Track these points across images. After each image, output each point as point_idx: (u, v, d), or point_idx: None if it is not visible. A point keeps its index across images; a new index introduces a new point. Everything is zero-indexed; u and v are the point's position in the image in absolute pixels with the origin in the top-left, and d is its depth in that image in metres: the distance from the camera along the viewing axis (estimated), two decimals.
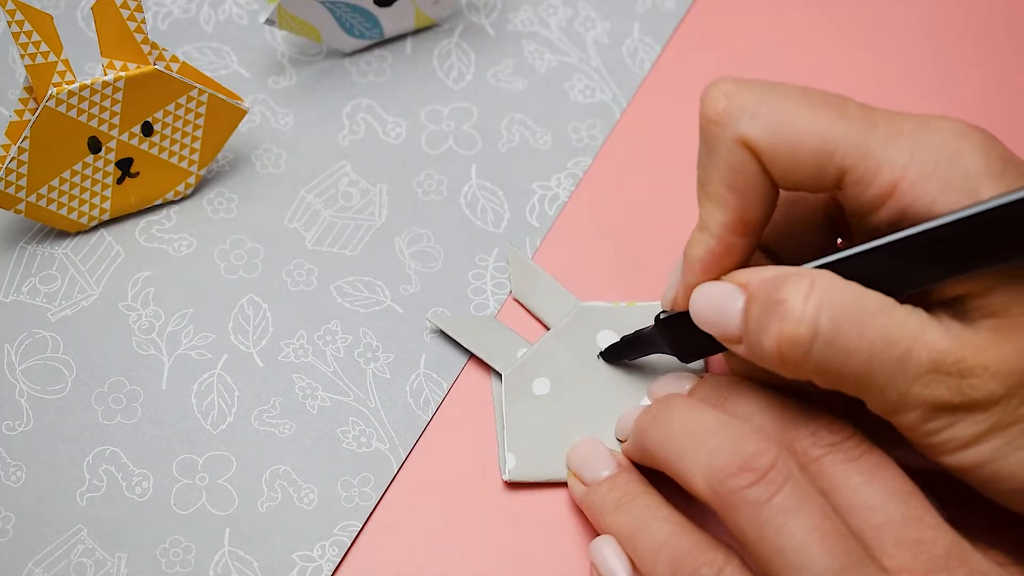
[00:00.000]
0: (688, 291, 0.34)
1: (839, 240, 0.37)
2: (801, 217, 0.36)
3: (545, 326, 0.42)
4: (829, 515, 0.30)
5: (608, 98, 0.48)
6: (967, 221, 0.30)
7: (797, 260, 0.33)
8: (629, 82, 0.48)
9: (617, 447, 0.39)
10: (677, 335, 0.36)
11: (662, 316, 0.37)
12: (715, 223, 0.33)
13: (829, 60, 0.49)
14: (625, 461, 0.38)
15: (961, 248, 0.30)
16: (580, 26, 0.50)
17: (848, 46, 0.50)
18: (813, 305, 0.30)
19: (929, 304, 0.32)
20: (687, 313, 0.35)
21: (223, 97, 0.43)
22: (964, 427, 0.31)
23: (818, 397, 0.33)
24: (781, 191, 0.33)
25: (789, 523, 0.30)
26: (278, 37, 0.49)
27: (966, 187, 0.30)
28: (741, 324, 0.32)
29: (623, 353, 0.40)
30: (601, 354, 0.40)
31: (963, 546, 0.31)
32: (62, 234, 0.43)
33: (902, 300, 0.31)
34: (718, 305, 0.33)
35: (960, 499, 0.33)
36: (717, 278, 0.34)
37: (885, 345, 0.30)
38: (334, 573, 0.37)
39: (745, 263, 0.34)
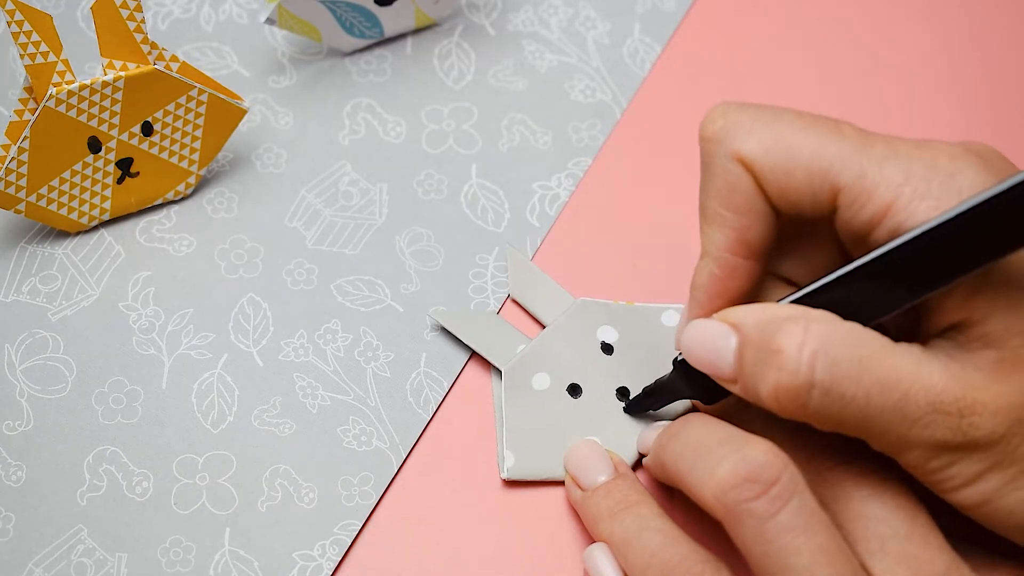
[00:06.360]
0: None
1: None
2: (809, 243, 0.35)
3: (543, 327, 0.42)
4: (835, 535, 0.30)
5: (608, 98, 0.48)
6: (938, 230, 0.29)
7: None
8: (629, 82, 0.48)
9: (616, 449, 0.39)
10: (696, 376, 0.35)
11: (678, 359, 0.36)
12: (715, 246, 0.33)
13: (830, 59, 0.49)
14: (623, 466, 0.38)
15: (938, 260, 0.30)
16: (580, 26, 0.50)
17: (850, 46, 0.50)
18: (808, 354, 0.30)
19: (927, 335, 0.32)
20: None
21: (223, 97, 0.43)
22: (965, 465, 0.31)
23: None
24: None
25: (795, 541, 0.29)
26: (278, 36, 0.49)
27: None
28: (735, 366, 0.32)
29: (646, 403, 0.39)
30: (625, 408, 0.40)
31: (961, 568, 0.31)
32: (62, 234, 0.43)
33: (897, 328, 0.31)
34: (710, 344, 0.32)
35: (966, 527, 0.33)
36: (718, 309, 0.33)
37: (882, 391, 0.30)
38: (334, 572, 0.37)
39: (751, 290, 0.34)
